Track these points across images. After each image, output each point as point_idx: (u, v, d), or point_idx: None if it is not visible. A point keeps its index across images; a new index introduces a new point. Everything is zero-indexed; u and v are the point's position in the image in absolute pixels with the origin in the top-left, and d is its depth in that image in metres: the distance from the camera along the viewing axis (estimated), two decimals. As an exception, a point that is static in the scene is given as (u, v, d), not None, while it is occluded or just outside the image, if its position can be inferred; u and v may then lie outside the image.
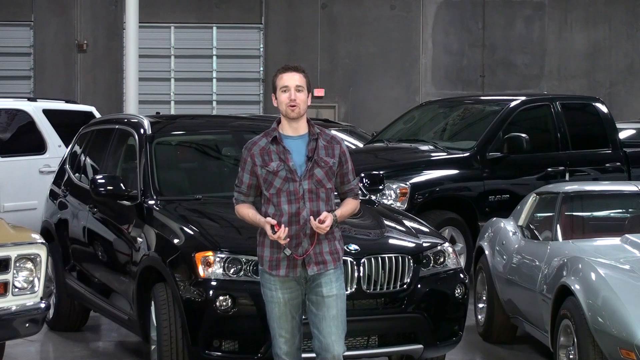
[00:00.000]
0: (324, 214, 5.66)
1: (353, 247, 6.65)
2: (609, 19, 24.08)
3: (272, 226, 5.63)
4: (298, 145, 5.77)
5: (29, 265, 6.88)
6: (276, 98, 5.81)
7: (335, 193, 5.92)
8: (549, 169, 12.02)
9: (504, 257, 8.68)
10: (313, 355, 5.89)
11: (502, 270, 8.65)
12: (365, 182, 8.17)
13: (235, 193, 5.89)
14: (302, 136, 5.80)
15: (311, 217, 5.66)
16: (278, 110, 5.79)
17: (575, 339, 6.80)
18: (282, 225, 5.61)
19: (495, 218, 9.53)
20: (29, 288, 6.89)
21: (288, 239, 5.64)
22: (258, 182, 5.79)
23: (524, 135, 11.74)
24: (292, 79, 5.77)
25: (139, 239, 7.49)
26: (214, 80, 23.74)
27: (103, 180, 7.88)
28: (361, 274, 6.64)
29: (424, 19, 23.83)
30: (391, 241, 7.09)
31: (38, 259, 6.91)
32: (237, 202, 5.90)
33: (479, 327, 9.13)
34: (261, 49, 23.69)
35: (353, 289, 6.60)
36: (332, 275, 5.76)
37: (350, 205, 5.90)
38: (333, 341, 5.71)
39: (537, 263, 7.92)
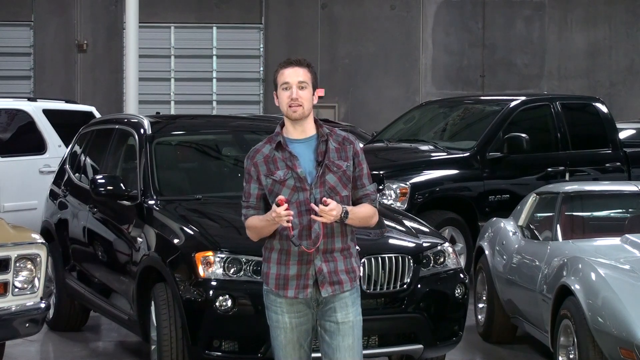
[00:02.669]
0: (329, 199, 4.88)
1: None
2: (609, 19, 24.08)
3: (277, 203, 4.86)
4: (306, 149, 5.06)
5: (29, 265, 6.89)
6: (277, 97, 5.08)
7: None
8: (549, 169, 12.03)
9: (504, 257, 8.68)
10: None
11: (502, 270, 8.65)
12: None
13: (243, 210, 5.11)
14: (310, 138, 5.08)
15: (312, 204, 4.92)
16: (279, 111, 5.15)
17: (575, 339, 6.80)
18: (286, 204, 4.84)
19: (495, 218, 9.53)
20: (29, 288, 6.90)
21: (290, 217, 4.85)
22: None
23: (524, 135, 11.75)
24: (294, 75, 5.02)
25: (139, 239, 7.49)
26: (214, 80, 23.74)
27: (103, 180, 7.89)
28: (361, 274, 6.63)
29: (424, 19, 23.83)
30: (391, 241, 7.09)
31: (38, 259, 6.92)
32: (247, 218, 5.09)
33: (479, 327, 9.13)
34: (261, 49, 23.70)
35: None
36: (347, 299, 5.07)
37: (365, 208, 5.09)
38: None
39: (537, 263, 7.92)
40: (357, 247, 5.23)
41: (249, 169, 5.09)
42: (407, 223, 7.51)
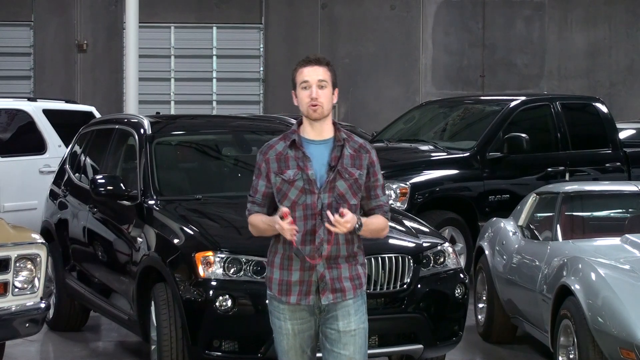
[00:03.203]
0: (346, 210, 4.78)
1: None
2: (609, 19, 24.06)
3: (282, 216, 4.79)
4: (321, 151, 4.94)
5: (29, 265, 6.89)
6: (296, 96, 4.98)
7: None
8: (549, 169, 12.03)
9: (504, 257, 8.68)
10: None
11: (502, 270, 8.65)
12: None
13: (248, 204, 5.02)
14: (326, 141, 4.96)
15: (328, 212, 4.80)
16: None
17: (575, 339, 6.80)
18: (290, 217, 4.76)
19: (495, 218, 9.53)
20: (29, 288, 6.90)
21: (294, 232, 4.77)
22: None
23: (524, 135, 11.75)
24: (314, 73, 4.92)
25: (139, 239, 7.49)
26: (214, 80, 23.72)
27: (103, 180, 7.89)
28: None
29: (424, 19, 23.81)
30: (391, 241, 7.08)
31: (38, 259, 6.92)
32: (250, 214, 5.02)
33: (479, 327, 9.13)
34: (261, 49, 23.68)
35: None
36: (350, 307, 4.95)
37: (378, 219, 5.00)
38: None
39: (537, 263, 7.92)
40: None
41: (259, 164, 4.99)
42: (407, 223, 7.51)
